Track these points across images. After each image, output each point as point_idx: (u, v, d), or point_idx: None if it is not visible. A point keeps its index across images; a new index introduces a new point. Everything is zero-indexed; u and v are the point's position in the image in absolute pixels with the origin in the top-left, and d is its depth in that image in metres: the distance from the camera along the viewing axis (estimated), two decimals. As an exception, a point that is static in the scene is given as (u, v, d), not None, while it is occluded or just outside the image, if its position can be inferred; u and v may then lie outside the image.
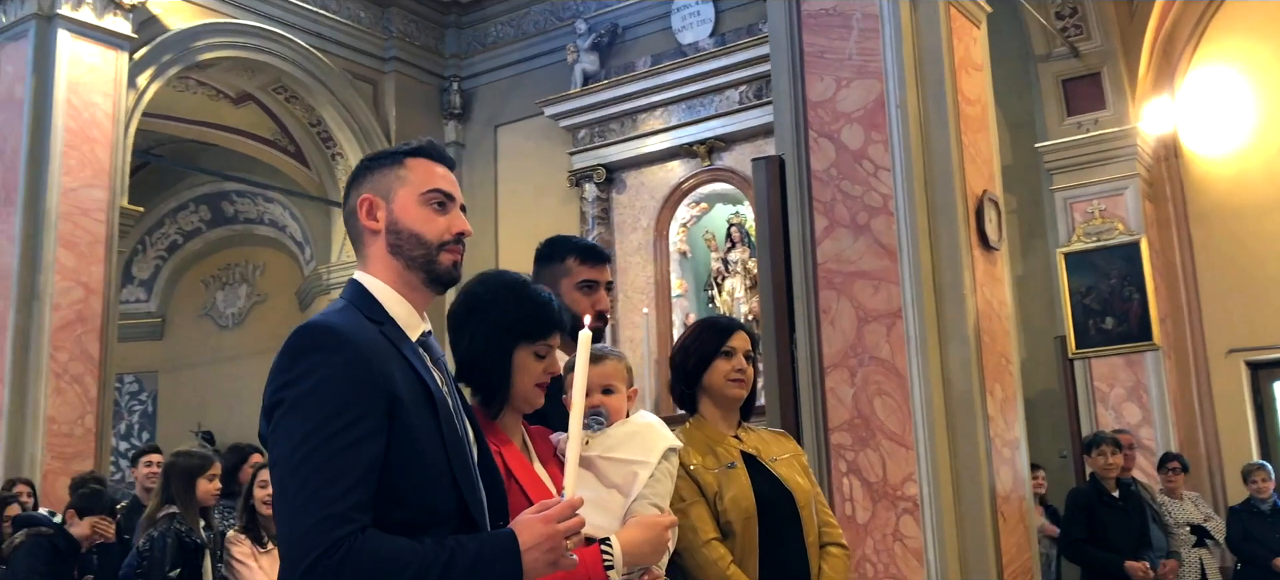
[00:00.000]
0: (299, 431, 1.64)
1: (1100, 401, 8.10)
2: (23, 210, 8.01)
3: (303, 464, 1.62)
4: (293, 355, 1.70)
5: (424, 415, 1.75)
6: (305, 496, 1.61)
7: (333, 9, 10.46)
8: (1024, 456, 5.07)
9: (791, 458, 2.68)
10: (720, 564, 2.43)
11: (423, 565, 1.63)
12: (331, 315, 1.79)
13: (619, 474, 2.22)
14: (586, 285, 2.78)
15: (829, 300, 4.93)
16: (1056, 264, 8.27)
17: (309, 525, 1.59)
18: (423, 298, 1.89)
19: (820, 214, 4.98)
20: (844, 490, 4.81)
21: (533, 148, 10.70)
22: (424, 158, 1.92)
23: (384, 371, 1.72)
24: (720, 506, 2.50)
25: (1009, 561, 4.70)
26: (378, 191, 1.89)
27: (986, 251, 5.00)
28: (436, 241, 1.87)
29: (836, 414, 4.87)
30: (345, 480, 1.61)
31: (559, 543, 1.73)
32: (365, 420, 1.66)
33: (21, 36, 8.34)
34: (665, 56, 9.95)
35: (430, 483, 1.73)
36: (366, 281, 1.87)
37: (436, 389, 1.81)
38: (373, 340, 1.75)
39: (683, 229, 10.15)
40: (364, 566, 1.59)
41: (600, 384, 2.31)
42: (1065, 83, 8.34)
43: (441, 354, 1.91)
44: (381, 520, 1.66)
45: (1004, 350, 5.03)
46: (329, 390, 1.66)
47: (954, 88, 4.92)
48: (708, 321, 2.79)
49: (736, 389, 2.63)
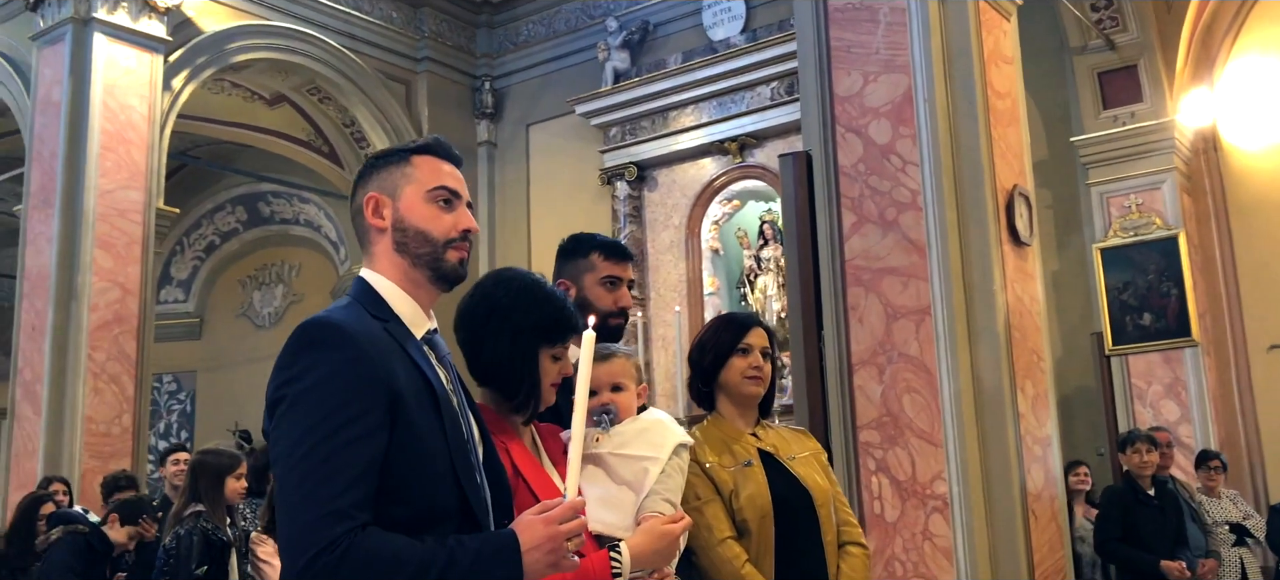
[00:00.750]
0: (300, 428, 1.64)
1: (1138, 399, 7.99)
2: (61, 211, 8.11)
3: (303, 461, 1.62)
4: (295, 351, 1.70)
5: (427, 413, 1.75)
6: (305, 493, 1.61)
7: (365, 10, 10.51)
8: (1056, 454, 5.00)
9: (810, 456, 2.65)
10: (734, 563, 2.40)
11: (422, 564, 1.62)
12: (335, 312, 1.79)
13: (630, 470, 2.21)
14: (610, 281, 2.78)
15: (857, 297, 4.89)
16: (1092, 259, 8.16)
17: (308, 522, 1.59)
18: (429, 295, 1.88)
19: (848, 210, 4.94)
20: (872, 489, 4.77)
21: (564, 146, 10.70)
22: (431, 155, 1.92)
23: (387, 368, 1.71)
24: (736, 505, 2.47)
25: (1040, 560, 4.64)
26: (384, 189, 1.88)
27: (1017, 247, 4.94)
28: (443, 239, 1.86)
29: (865, 412, 4.83)
30: (345, 477, 1.61)
31: (560, 544, 1.71)
32: (367, 417, 1.65)
33: (59, 40, 8.45)
34: (696, 53, 9.92)
35: (432, 481, 1.72)
36: (372, 279, 1.86)
37: (440, 387, 1.80)
38: (376, 337, 1.75)
39: (715, 226, 10.12)
40: (363, 564, 1.59)
41: (609, 381, 2.31)
42: (1101, 75, 8.23)
43: (447, 352, 1.90)
44: (382, 518, 1.66)
45: (1035, 347, 4.96)
46: (331, 387, 1.66)
47: (983, 81, 4.86)
48: (725, 318, 2.77)
49: (753, 386, 2.60)
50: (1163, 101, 8.14)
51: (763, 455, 2.56)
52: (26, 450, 7.99)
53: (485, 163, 11.20)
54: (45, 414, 7.85)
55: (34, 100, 8.58)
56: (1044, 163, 8.58)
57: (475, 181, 11.16)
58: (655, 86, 10.01)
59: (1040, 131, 8.58)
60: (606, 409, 2.28)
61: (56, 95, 8.35)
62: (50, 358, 7.91)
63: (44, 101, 8.46)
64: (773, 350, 2.66)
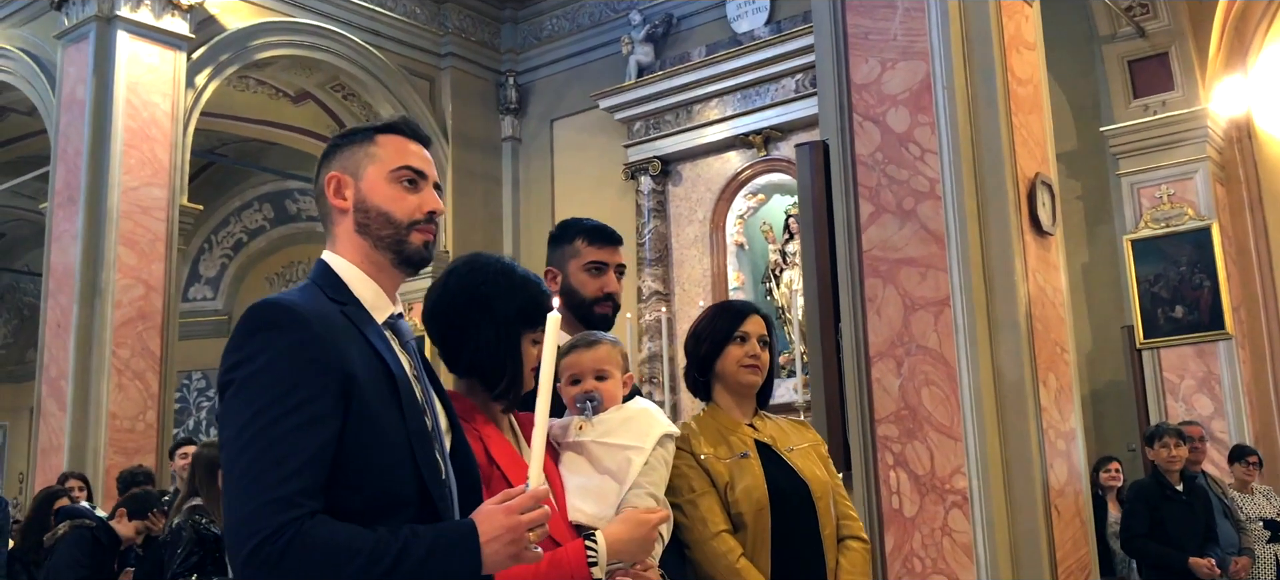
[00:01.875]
0: (247, 412, 1.58)
1: (1170, 393, 7.84)
2: (85, 209, 8.15)
3: (248, 446, 1.56)
4: (244, 334, 1.64)
5: (384, 398, 1.68)
6: (250, 480, 1.54)
7: (389, 6, 10.50)
8: (1081, 449, 4.89)
9: (810, 448, 2.57)
10: (729, 557, 2.33)
11: (373, 554, 1.55)
12: (289, 294, 1.73)
13: (612, 459, 2.15)
14: (595, 267, 2.70)
15: (875, 288, 4.79)
16: (1123, 251, 8.01)
17: (252, 510, 1.53)
18: (392, 279, 1.82)
19: (865, 200, 4.84)
20: (891, 483, 4.68)
21: (588, 141, 10.65)
22: (397, 134, 1.85)
23: (340, 352, 1.65)
24: (731, 497, 2.40)
25: (1063, 557, 4.53)
26: (346, 169, 1.82)
27: (1040, 237, 4.82)
28: (406, 221, 1.80)
29: (883, 405, 4.74)
30: (292, 463, 1.55)
31: (521, 535, 1.64)
32: (317, 401, 1.59)
33: (83, 39, 8.49)
34: (720, 46, 9.84)
35: (390, 468, 1.66)
36: (332, 261, 1.80)
37: (400, 372, 1.74)
38: (331, 320, 1.69)
39: (739, 221, 10.03)
40: (308, 554, 1.52)
41: (593, 369, 2.25)
42: (1131, 64, 8.07)
43: (411, 336, 1.84)
44: (337, 505, 1.59)
45: (1059, 339, 4.85)
46: (279, 370, 1.60)
47: (1004, 67, 4.75)
48: (721, 305, 2.70)
49: (750, 375, 2.53)
50: (1195, 90, 7.98)
51: (760, 447, 2.49)
52: (52, 446, 8.04)
53: (509, 158, 11.17)
54: (70, 410, 7.90)
55: (58, 98, 8.63)
56: (1073, 153, 8.44)
57: (500, 177, 11.14)
58: (679, 80, 9.94)
59: (1069, 122, 8.44)
60: (590, 396, 2.23)
61: (80, 93, 8.40)
62: (75, 354, 7.96)
63: (68, 99, 8.51)
64: (771, 339, 2.58)
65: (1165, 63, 7.97)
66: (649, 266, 10.04)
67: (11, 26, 9.39)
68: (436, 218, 1.82)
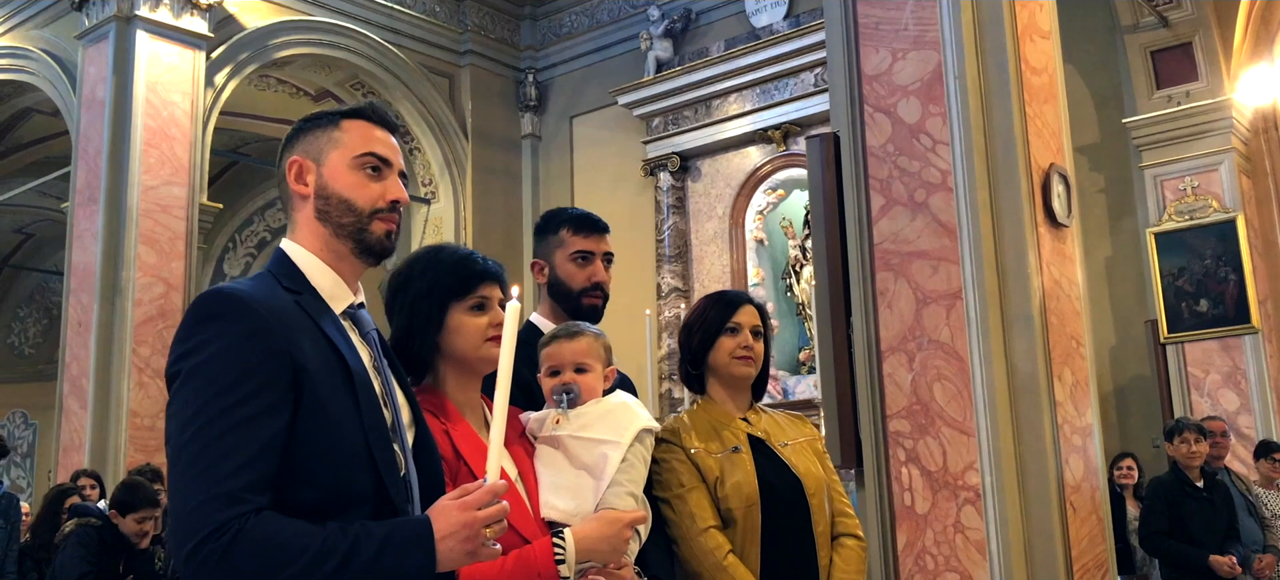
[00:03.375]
0: (193, 405, 1.54)
1: (1195, 388, 7.71)
2: (105, 207, 8.20)
3: (194, 440, 1.52)
4: (192, 325, 1.60)
5: (338, 391, 1.64)
6: (194, 475, 1.50)
7: (408, 4, 10.50)
8: (1098, 445, 4.80)
9: (805, 443, 2.52)
10: (716, 554, 2.28)
11: (321, 551, 1.50)
12: (240, 283, 1.69)
13: (589, 454, 2.10)
14: (580, 256, 2.65)
15: (886, 282, 4.73)
16: (1146, 245, 7.89)
17: (194, 506, 1.48)
18: (353, 268, 1.78)
19: (877, 192, 4.77)
20: (903, 479, 4.61)
21: (608, 138, 10.62)
22: (362, 120, 1.81)
23: (290, 342, 1.60)
24: (721, 493, 2.35)
25: (1079, 554, 4.45)
26: (308, 154, 1.79)
27: (1055, 228, 4.74)
28: (368, 209, 1.75)
29: (895, 400, 4.67)
30: (238, 457, 1.51)
31: (477, 531, 1.58)
32: (264, 393, 1.55)
33: (102, 39, 8.54)
34: (739, 40, 9.79)
35: (343, 462, 1.61)
36: (290, 249, 1.77)
37: (356, 363, 1.69)
38: (283, 310, 1.64)
39: (759, 216, 9.97)
40: (252, 551, 1.48)
41: (572, 361, 2.20)
42: (1154, 54, 7.94)
43: (372, 328, 1.80)
44: (289, 500, 1.55)
45: (1074, 332, 4.77)
46: (226, 361, 1.55)
47: (1017, 56, 4.67)
48: (714, 295, 2.64)
49: (743, 367, 2.48)
50: (1220, 80, 7.84)
51: (754, 441, 2.44)
52: (74, 444, 8.09)
53: (529, 155, 11.16)
54: (91, 408, 7.95)
55: (79, 98, 8.69)
56: (1095, 146, 8.33)
57: (519, 174, 11.13)
58: (698, 75, 9.90)
59: (1091, 113, 8.32)
60: (568, 389, 2.18)
61: (100, 93, 8.45)
62: (95, 352, 8.00)
63: (88, 99, 8.56)
64: (765, 329, 2.53)
65: (1189, 53, 7.84)
66: (668, 263, 10.00)
67: (34, 27, 9.46)
68: (400, 207, 1.78)
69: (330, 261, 1.76)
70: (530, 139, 11.16)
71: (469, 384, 2.07)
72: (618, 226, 10.03)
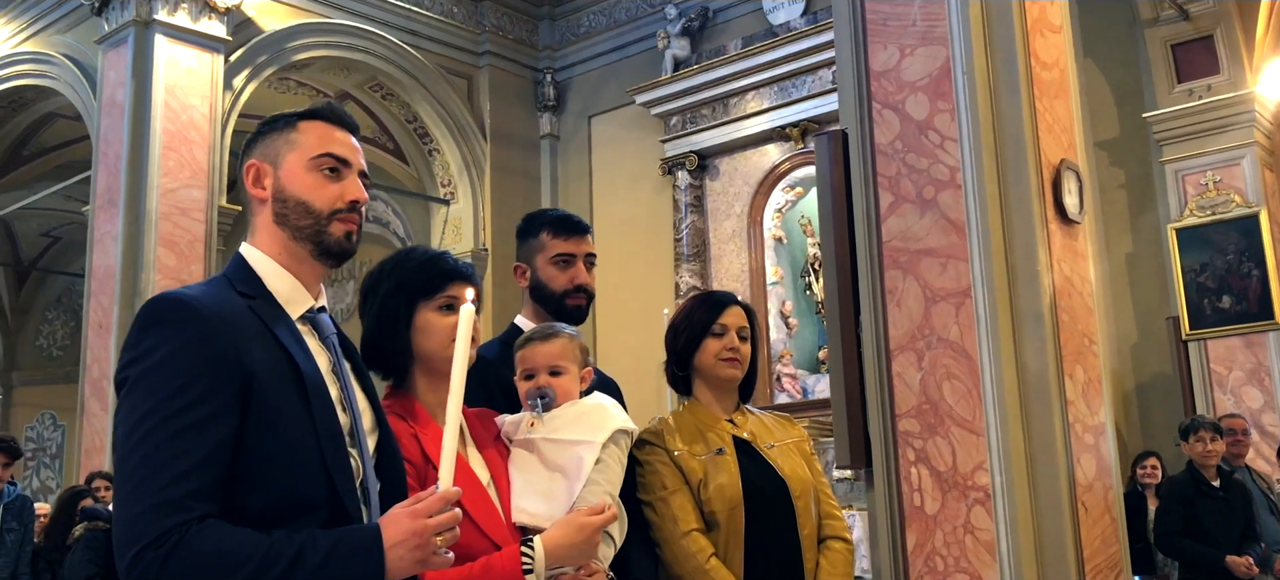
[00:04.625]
0: (137, 412, 1.53)
1: (1218, 385, 7.61)
2: (125, 211, 8.26)
3: (137, 447, 1.51)
4: (139, 330, 1.59)
5: (289, 396, 1.62)
6: (138, 482, 1.49)
7: (426, 5, 10.52)
8: (1111, 444, 4.73)
9: (792, 445, 2.49)
10: (698, 557, 2.25)
11: (264, 560, 1.48)
12: (191, 288, 1.68)
13: (563, 456, 2.08)
14: (562, 259, 2.63)
15: (895, 280, 4.68)
16: (1168, 240, 7.79)
17: (136, 514, 1.47)
18: (313, 271, 1.76)
19: (885, 189, 4.72)
20: (912, 480, 4.56)
21: (626, 137, 10.60)
22: (321, 121, 1.80)
23: (238, 348, 1.59)
24: (704, 495, 2.32)
25: (1091, 555, 4.39)
26: (266, 157, 1.78)
27: (1066, 225, 4.67)
28: (326, 210, 1.74)
29: (904, 400, 4.62)
30: (182, 465, 1.49)
31: (427, 539, 1.56)
32: (210, 399, 1.54)
33: (122, 43, 8.60)
34: (757, 38, 9.74)
35: (294, 468, 1.60)
36: (248, 253, 1.75)
37: (308, 367, 1.67)
38: (232, 315, 1.63)
39: (778, 214, 9.93)
40: (193, 560, 1.46)
41: (547, 364, 2.18)
42: (1174, 48, 7.84)
43: (333, 332, 1.79)
44: (238, 507, 1.53)
45: (1087, 330, 4.70)
46: (172, 367, 1.54)
47: (1026, 51, 4.61)
48: (701, 296, 2.62)
49: (729, 369, 2.45)
50: (1242, 72, 7.73)
51: (739, 443, 2.41)
52: (95, 446, 8.15)
53: (548, 156, 11.16)
54: (112, 411, 7.99)
55: (99, 102, 8.76)
56: (1115, 141, 8.24)
57: (538, 175, 11.13)
58: (715, 73, 9.86)
59: (1111, 108, 8.24)
60: (542, 392, 2.16)
61: (120, 97, 8.51)
62: (116, 355, 8.05)
63: (108, 103, 8.63)
64: (752, 330, 2.51)
65: (1210, 46, 7.74)
66: (686, 262, 9.97)
67: (55, 33, 9.55)
68: (360, 207, 1.77)
69: (289, 265, 1.75)
70: (549, 139, 11.16)
71: (439, 386, 2.05)
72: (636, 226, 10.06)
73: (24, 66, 9.84)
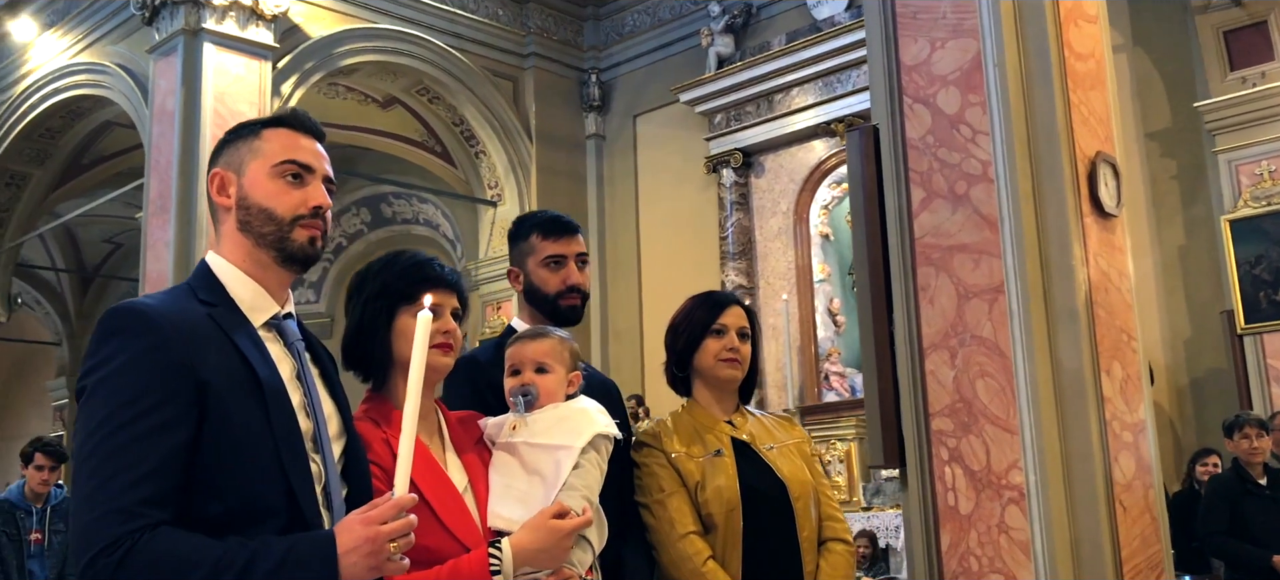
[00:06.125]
0: (94, 419, 1.56)
1: (1275, 380, 7.40)
2: (176, 217, 8.41)
3: (93, 454, 1.53)
4: (98, 340, 1.62)
5: (246, 403, 1.64)
6: (92, 490, 1.52)
7: (471, 8, 10.59)
8: (1152, 441, 4.63)
9: (792, 447, 2.47)
10: (695, 560, 2.24)
11: (216, 566, 1.50)
12: (150, 297, 1.71)
13: (542, 461, 2.06)
14: (552, 261, 2.62)
15: (927, 277, 4.61)
16: (1221, 232, 7.60)
17: (90, 521, 1.50)
18: (277, 277, 1.78)
19: (917, 185, 4.66)
20: (946, 479, 4.50)
21: (671, 136, 10.59)
22: (285, 128, 1.81)
23: (193, 355, 1.61)
24: (701, 497, 2.30)
25: (1130, 555, 4.29)
26: (230, 165, 1.80)
27: (1102, 218, 4.58)
28: (288, 216, 1.75)
29: (937, 398, 4.55)
30: (135, 472, 1.51)
31: (381, 546, 1.56)
32: (165, 407, 1.56)
33: (172, 52, 8.76)
34: (800, 33, 9.69)
35: (251, 474, 1.61)
36: (212, 261, 1.78)
37: (267, 374, 1.68)
38: (189, 323, 1.65)
39: (824, 211, 9.86)
40: (145, 566, 1.48)
41: (533, 361, 2.17)
42: (1227, 34, 7.64)
43: (298, 338, 1.80)
44: (198, 514, 1.55)
45: (1125, 326, 4.60)
46: (127, 377, 1.57)
47: (1059, 42, 4.52)
48: (701, 296, 2.60)
49: (728, 369, 2.44)
50: (1297, 59, 7.53)
51: (738, 445, 2.39)
52: (149, 448, 8.29)
53: (593, 156, 11.18)
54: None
55: (151, 110, 8.92)
56: (1167, 132, 8.07)
57: (584, 175, 11.15)
58: (759, 69, 9.82)
59: (1162, 98, 8.06)
60: (526, 390, 2.15)
61: (170, 105, 8.66)
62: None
63: (160, 111, 8.79)
64: (753, 331, 2.48)
65: (1264, 32, 7.53)
66: (732, 260, 9.93)
67: (109, 43, 9.75)
68: (323, 212, 1.78)
69: (253, 272, 1.76)
70: (594, 139, 11.18)
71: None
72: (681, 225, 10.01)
73: (80, 77, 10.07)
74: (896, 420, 4.65)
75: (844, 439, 8.70)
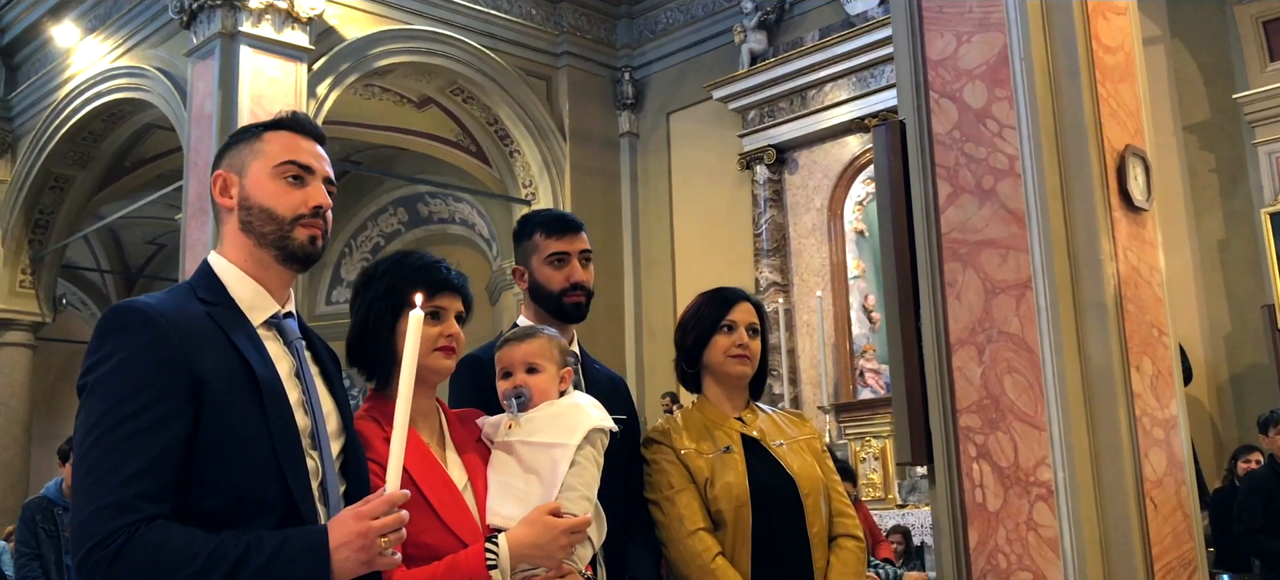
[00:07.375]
0: (93, 415, 1.60)
1: (1317, 375, 7.30)
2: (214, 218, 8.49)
3: (92, 449, 1.57)
4: (98, 338, 1.66)
5: (243, 400, 1.66)
6: (90, 484, 1.55)
7: (504, 8, 10.64)
8: (1184, 437, 4.57)
9: (802, 443, 2.46)
10: (704, 556, 2.24)
11: (209, 559, 1.53)
12: (150, 296, 1.75)
13: (538, 459, 2.07)
14: (556, 259, 2.62)
15: (954, 272, 4.58)
16: (1262, 225, 7.49)
17: (88, 514, 1.54)
18: (278, 277, 1.81)
19: (943, 180, 4.63)
20: (974, 476, 4.46)
21: (704, 133, 10.58)
22: (287, 130, 1.84)
23: (191, 353, 1.64)
24: (710, 494, 2.31)
25: (1161, 552, 4.24)
26: (232, 167, 1.83)
27: (1132, 212, 4.53)
28: (289, 216, 1.79)
29: (965, 395, 4.52)
30: (132, 467, 1.55)
31: (373, 541, 1.59)
32: (162, 403, 1.59)
33: (209, 55, 8.88)
34: (833, 29, 9.65)
35: (247, 470, 1.64)
36: (214, 261, 1.82)
37: (264, 372, 1.71)
38: (188, 321, 1.68)
39: (858, 207, 9.82)
40: (139, 559, 1.51)
41: (524, 362, 2.18)
42: (1266, 25, 7.53)
43: (297, 336, 1.82)
44: (195, 508, 1.59)
45: (1156, 321, 4.55)
46: (125, 374, 1.60)
47: (1087, 35, 4.48)
48: (710, 292, 2.60)
49: (738, 366, 2.44)
50: (1339, 49, 7.40)
51: (748, 441, 2.39)
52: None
53: (627, 154, 11.20)
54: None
55: (189, 113, 9.05)
56: (1205, 124, 7.96)
57: (618, 173, 11.17)
58: (792, 65, 9.79)
59: (1200, 90, 7.96)
60: (518, 392, 2.16)
61: (208, 107, 8.78)
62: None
63: (198, 113, 8.91)
64: (762, 327, 2.48)
65: (1304, 22, 7.42)
66: (766, 257, 9.91)
67: (148, 47, 9.89)
68: (324, 212, 1.81)
69: (254, 272, 1.80)
70: (628, 137, 11.19)
71: (420, 392, 2.07)
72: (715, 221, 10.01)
73: (121, 81, 10.22)
74: (924, 417, 4.63)
75: (879, 436, 8.65)
